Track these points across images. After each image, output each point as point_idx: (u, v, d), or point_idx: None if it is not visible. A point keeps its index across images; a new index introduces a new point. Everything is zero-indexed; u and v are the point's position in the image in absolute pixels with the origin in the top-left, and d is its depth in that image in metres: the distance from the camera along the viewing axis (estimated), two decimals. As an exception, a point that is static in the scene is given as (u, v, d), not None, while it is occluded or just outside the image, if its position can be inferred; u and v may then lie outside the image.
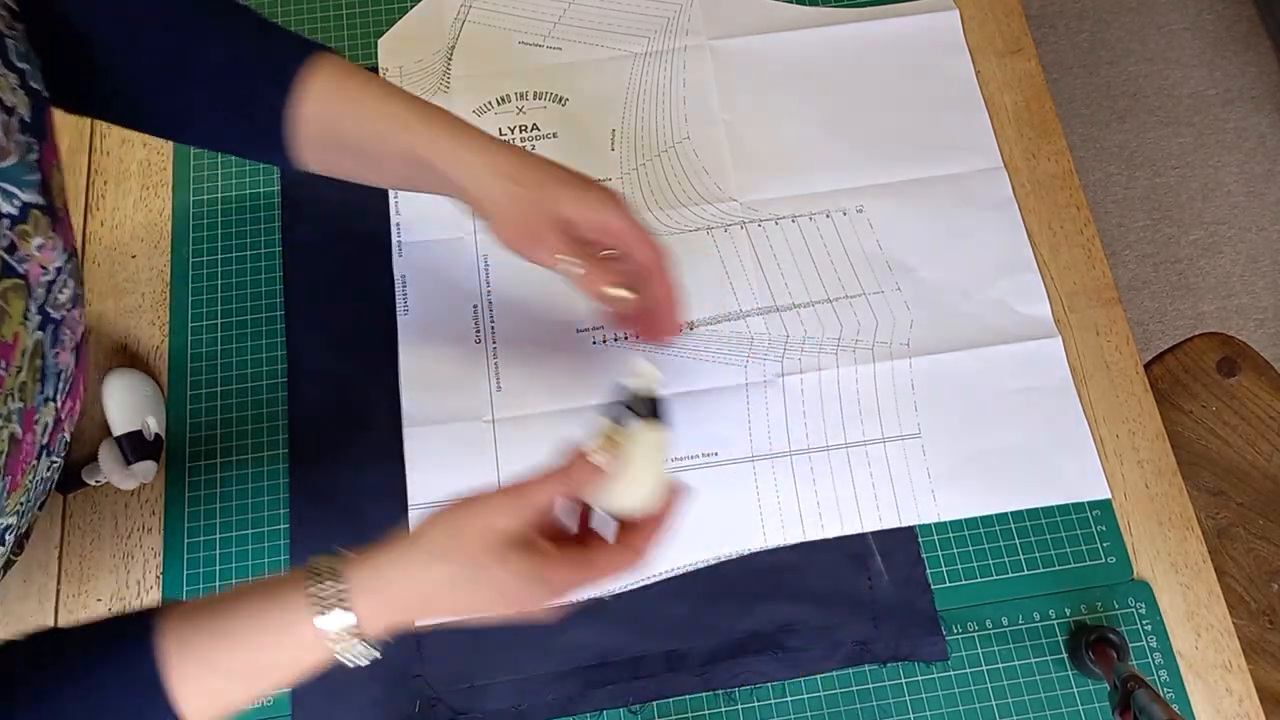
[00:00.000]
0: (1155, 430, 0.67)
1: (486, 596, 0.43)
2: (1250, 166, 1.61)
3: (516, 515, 0.43)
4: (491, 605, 0.44)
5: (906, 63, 0.77)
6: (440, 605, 0.43)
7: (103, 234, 0.71)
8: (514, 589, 0.43)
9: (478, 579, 0.43)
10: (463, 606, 0.44)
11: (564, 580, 0.44)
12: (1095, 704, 0.60)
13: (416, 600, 0.43)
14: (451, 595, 0.43)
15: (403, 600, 0.43)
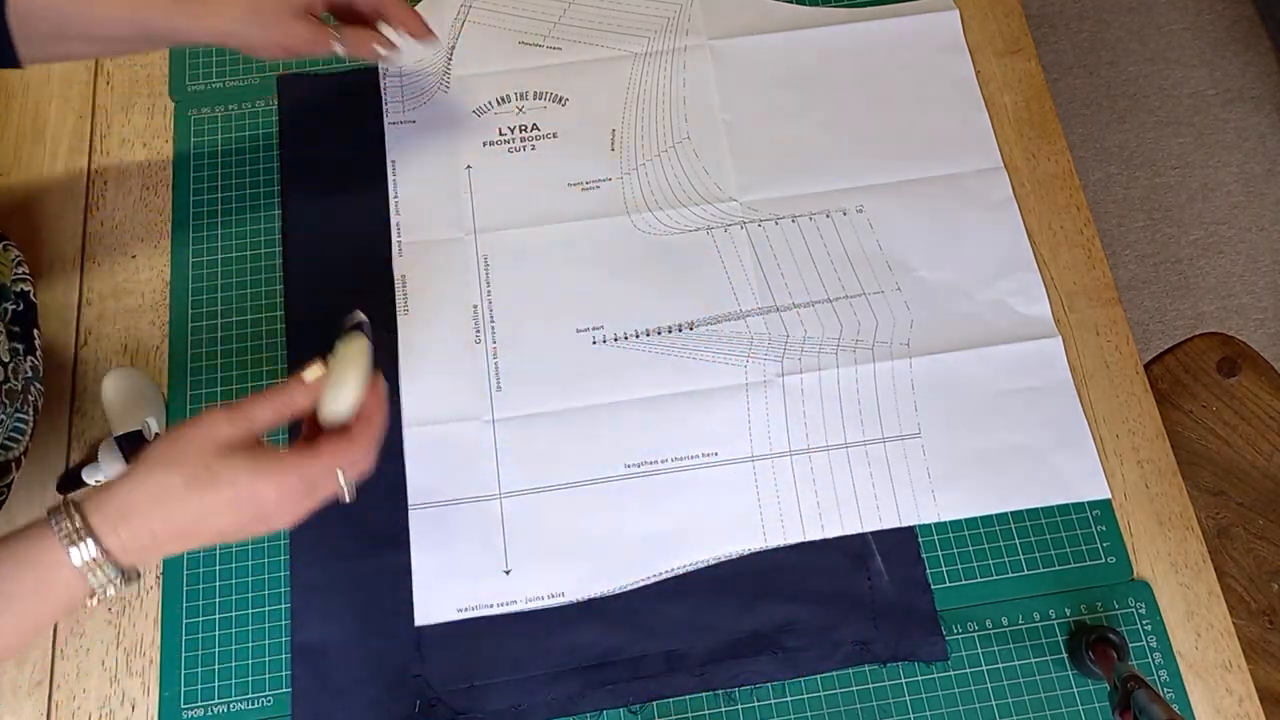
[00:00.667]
0: (1155, 430, 0.67)
1: (225, 500, 0.45)
2: (1250, 166, 1.61)
3: (237, 425, 0.46)
4: (232, 511, 0.46)
5: (906, 63, 0.77)
6: (182, 518, 0.45)
7: (103, 234, 0.71)
8: (245, 488, 0.45)
9: (210, 482, 0.45)
10: (206, 518, 0.45)
11: (295, 474, 0.47)
12: (1095, 704, 0.60)
13: (159, 517, 0.45)
14: (189, 505, 0.45)
15: (145, 519, 0.44)
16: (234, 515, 0.46)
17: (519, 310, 0.69)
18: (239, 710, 0.59)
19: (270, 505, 0.46)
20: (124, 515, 0.44)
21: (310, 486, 0.48)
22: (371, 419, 0.51)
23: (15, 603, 0.43)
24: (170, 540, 0.45)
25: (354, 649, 0.61)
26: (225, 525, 0.46)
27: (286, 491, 0.47)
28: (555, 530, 0.63)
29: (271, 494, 0.46)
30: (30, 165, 0.73)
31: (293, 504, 0.47)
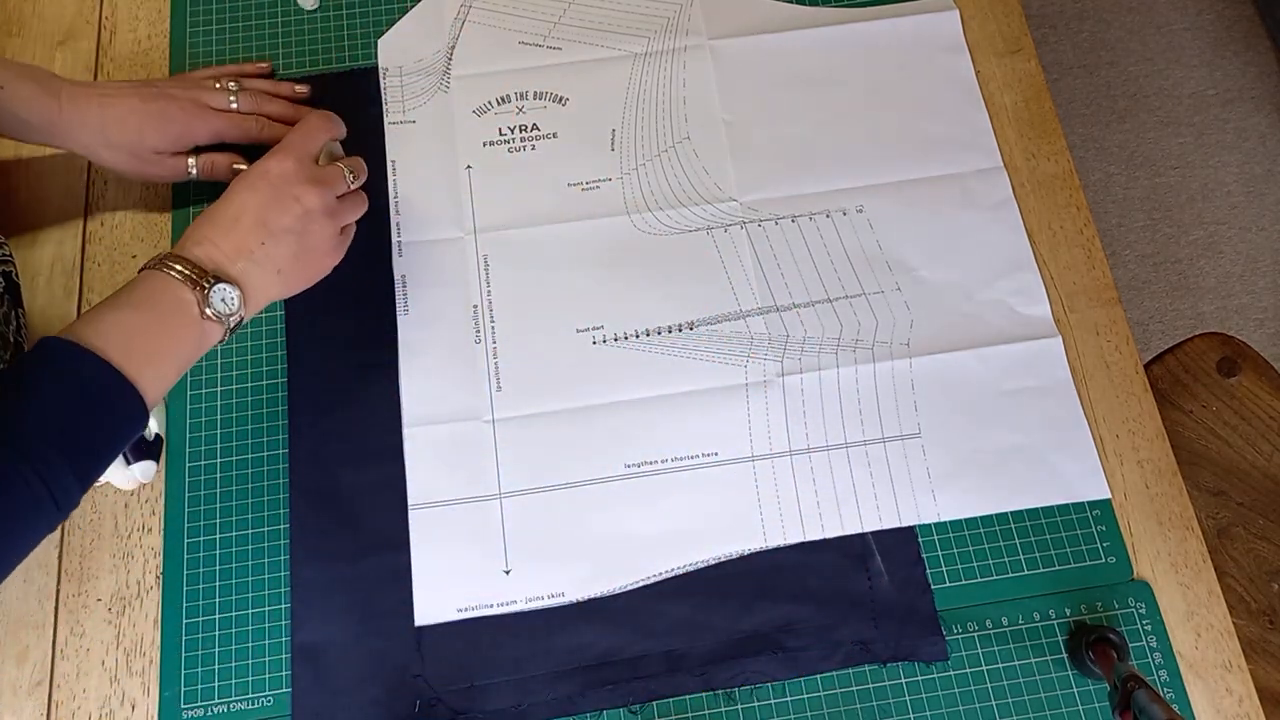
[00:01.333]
0: (1155, 430, 0.67)
1: (239, 187, 0.57)
2: (1250, 166, 1.61)
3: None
4: (248, 191, 0.57)
5: (906, 63, 0.77)
6: (217, 212, 0.56)
7: (103, 234, 0.71)
8: (248, 172, 0.58)
9: (229, 190, 0.57)
10: (230, 203, 0.56)
11: (281, 147, 0.59)
12: (1095, 704, 0.60)
13: (205, 220, 0.56)
14: (218, 204, 0.56)
15: (198, 229, 0.55)
16: (251, 194, 0.56)
17: (519, 310, 0.69)
18: (239, 710, 0.59)
19: (273, 173, 0.57)
20: (186, 239, 0.55)
21: (296, 148, 0.58)
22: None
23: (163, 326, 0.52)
24: (223, 235, 0.55)
25: (354, 649, 0.61)
26: (247, 204, 0.56)
27: (277, 158, 0.58)
28: (555, 530, 0.63)
29: (269, 163, 0.57)
30: (30, 165, 0.73)
31: (294, 168, 0.57)
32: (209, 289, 0.53)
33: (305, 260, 0.59)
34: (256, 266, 0.56)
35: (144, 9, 0.79)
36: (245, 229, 0.55)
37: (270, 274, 0.57)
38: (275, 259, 0.57)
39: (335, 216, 0.60)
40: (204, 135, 0.68)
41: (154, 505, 0.64)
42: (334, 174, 0.60)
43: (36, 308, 0.69)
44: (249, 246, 0.55)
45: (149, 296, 0.52)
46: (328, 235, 0.59)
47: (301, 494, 0.64)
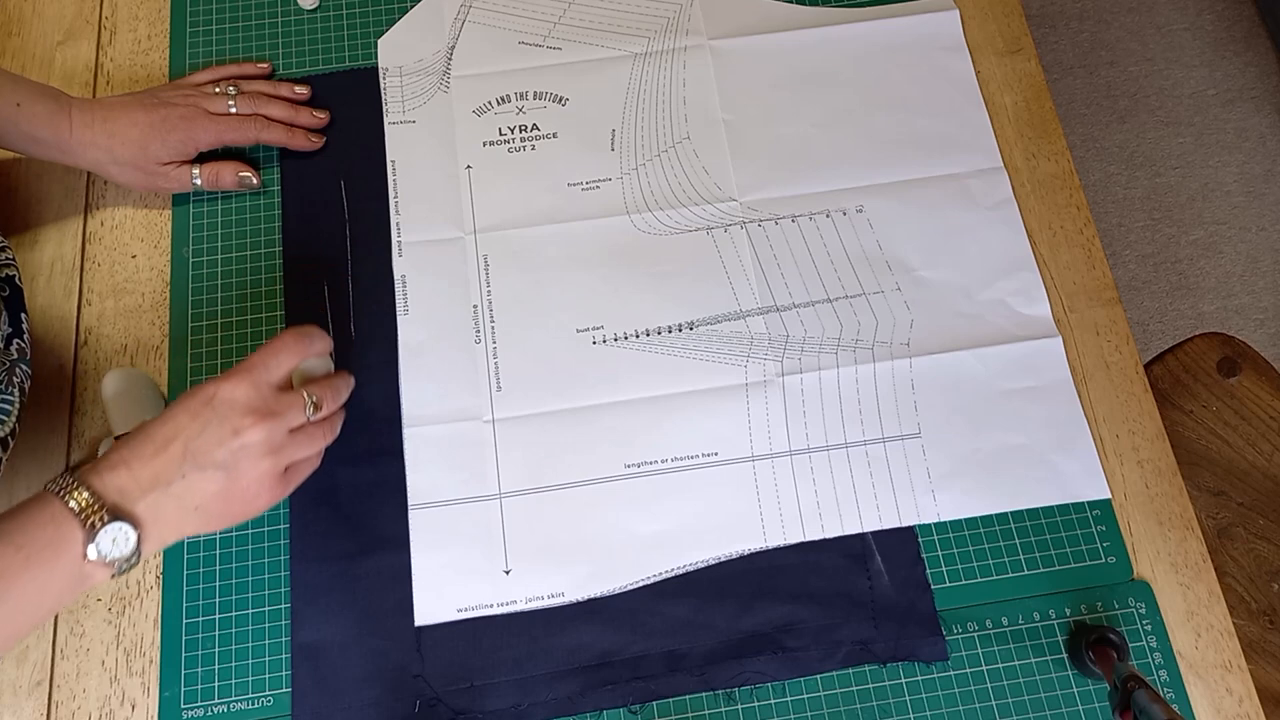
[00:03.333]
0: (1155, 430, 0.67)
1: (176, 407, 0.50)
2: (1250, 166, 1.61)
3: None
4: (183, 413, 0.50)
5: (906, 63, 0.77)
6: (144, 437, 0.49)
7: (103, 234, 0.71)
8: (192, 391, 0.51)
9: (167, 410, 0.51)
10: (163, 426, 0.50)
11: (236, 368, 0.52)
12: (1095, 704, 0.60)
13: (129, 445, 0.49)
14: (149, 425, 0.50)
15: (118, 453, 0.49)
16: (188, 419, 0.50)
17: (519, 310, 0.69)
18: (239, 710, 0.59)
19: (218, 398, 0.50)
20: (105, 459, 0.49)
21: (253, 371, 0.52)
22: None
23: (27, 567, 0.45)
24: (144, 461, 0.48)
25: (354, 649, 0.61)
26: (181, 428, 0.49)
27: (229, 382, 0.51)
28: (555, 530, 0.63)
29: (219, 386, 0.51)
30: (30, 165, 0.73)
31: (243, 395, 0.51)
32: (99, 528, 0.46)
33: (230, 500, 0.51)
34: (171, 500, 0.49)
35: (144, 9, 0.79)
36: (169, 458, 0.49)
37: (186, 510, 0.49)
38: (195, 494, 0.49)
39: (279, 454, 0.52)
40: (206, 140, 0.69)
41: (154, 505, 0.64)
42: (291, 404, 0.53)
43: (37, 308, 0.69)
44: (168, 477, 0.48)
45: (27, 526, 0.45)
46: (262, 475, 0.51)
47: (301, 494, 0.64)
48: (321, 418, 0.55)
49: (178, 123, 0.67)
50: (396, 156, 0.74)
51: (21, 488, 0.64)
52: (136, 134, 0.66)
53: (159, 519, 0.48)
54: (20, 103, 0.63)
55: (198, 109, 0.69)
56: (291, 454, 0.53)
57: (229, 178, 0.70)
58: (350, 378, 0.59)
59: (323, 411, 0.55)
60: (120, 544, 0.46)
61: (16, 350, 0.62)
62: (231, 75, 0.73)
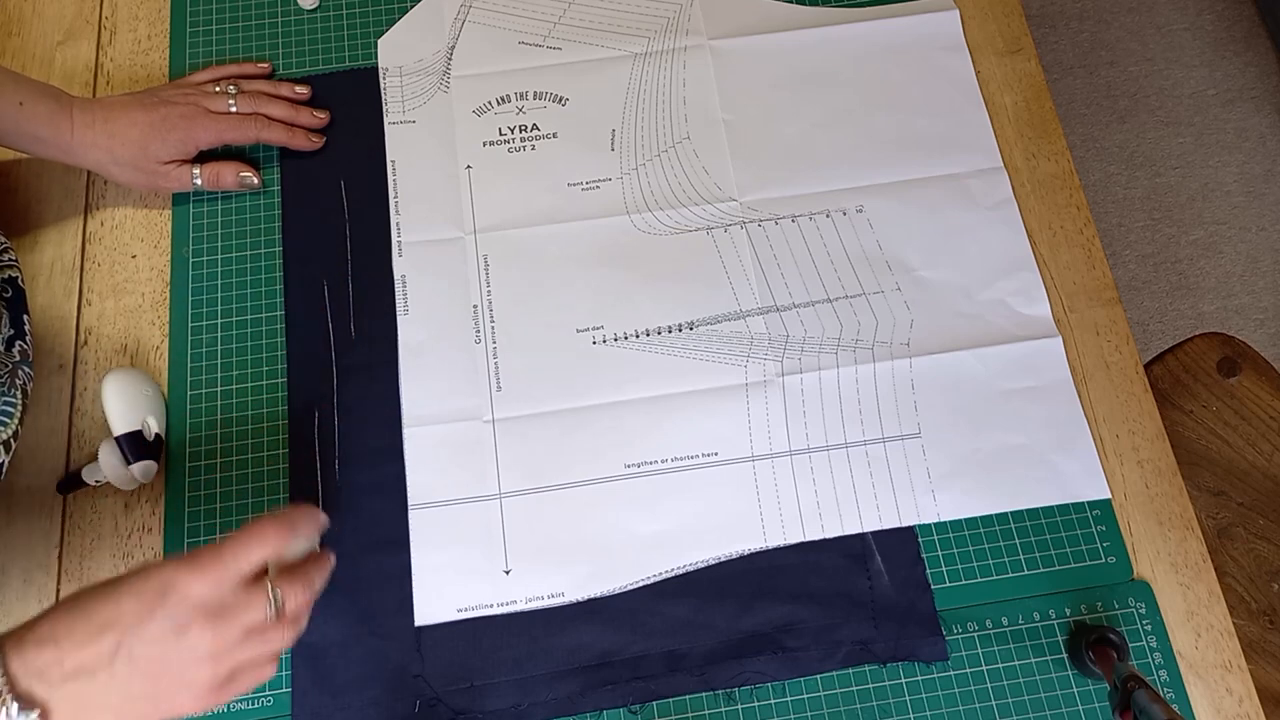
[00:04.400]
0: (1155, 430, 0.67)
1: (120, 584, 0.45)
2: (1250, 166, 1.61)
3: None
4: (127, 593, 0.44)
5: (906, 63, 0.77)
6: (76, 610, 0.44)
7: (103, 234, 0.71)
8: (141, 569, 0.45)
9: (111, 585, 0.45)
10: (100, 602, 0.44)
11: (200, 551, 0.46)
12: (1095, 704, 0.60)
13: (60, 615, 0.44)
14: (85, 594, 0.44)
15: (47, 623, 0.43)
16: (133, 604, 0.44)
17: (519, 310, 0.69)
18: (239, 710, 0.59)
19: (171, 589, 0.44)
20: (34, 628, 0.43)
21: (221, 564, 0.45)
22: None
23: None
24: (76, 643, 0.43)
25: (354, 649, 0.61)
26: (123, 615, 0.43)
27: (189, 574, 0.44)
28: (555, 530, 0.63)
29: (177, 575, 0.44)
30: (30, 165, 0.73)
31: (199, 593, 0.45)
32: (2, 709, 0.41)
33: (156, 703, 0.44)
34: (94, 692, 0.43)
35: (144, 9, 0.79)
36: (101, 648, 0.43)
37: (104, 705, 0.43)
38: (117, 692, 0.43)
39: (220, 660, 0.45)
40: (206, 139, 0.69)
41: (154, 505, 0.64)
42: (251, 602, 0.46)
43: (37, 308, 0.69)
44: (93, 667, 0.43)
45: None
46: (196, 682, 0.45)
47: (301, 494, 0.64)
48: (284, 617, 0.47)
49: (178, 121, 0.67)
50: (396, 156, 0.74)
51: (22, 489, 0.64)
52: (136, 134, 0.66)
53: (75, 710, 0.42)
54: (23, 101, 0.63)
55: (198, 108, 0.69)
56: (237, 658, 0.46)
57: (230, 178, 0.70)
58: (329, 563, 0.52)
59: (288, 608, 0.47)
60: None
61: (19, 352, 0.62)
62: (232, 75, 0.73)
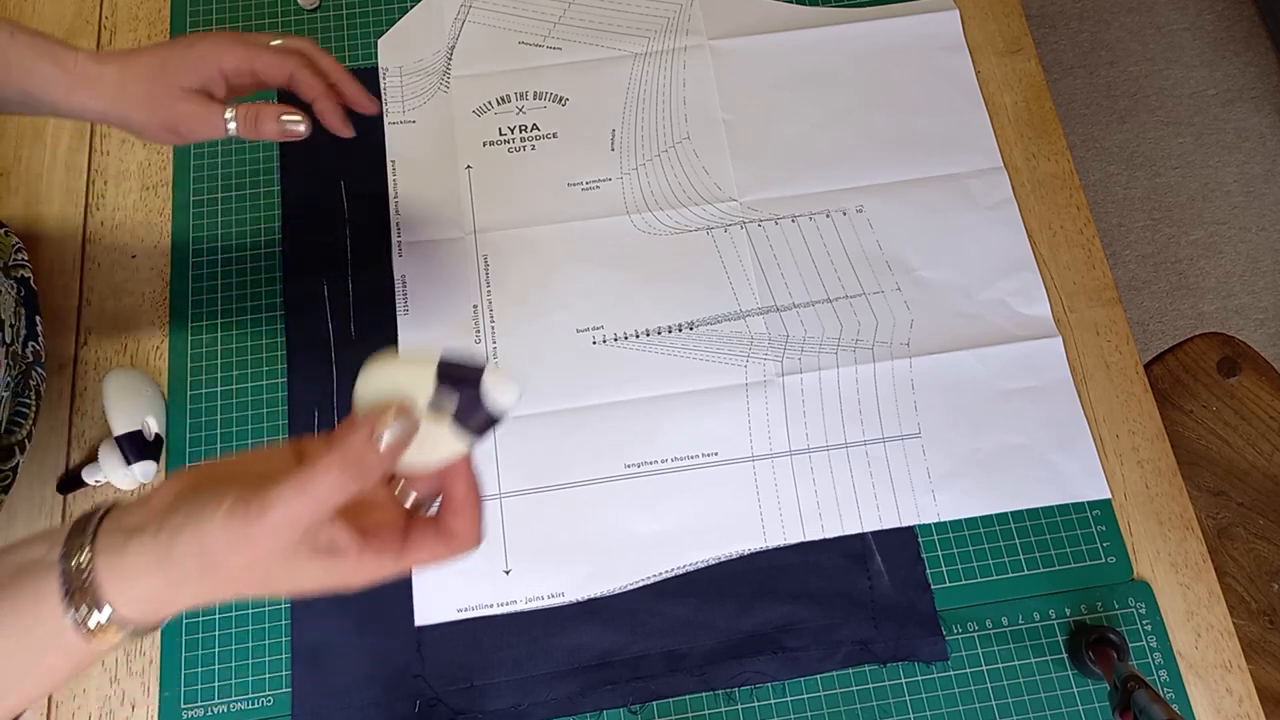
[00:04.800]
0: (1155, 430, 0.67)
1: (276, 591, 0.38)
2: (1250, 166, 1.61)
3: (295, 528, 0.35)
4: (285, 593, 0.38)
5: (906, 63, 0.77)
6: (224, 596, 0.37)
7: (103, 234, 0.71)
8: (308, 589, 0.37)
9: (264, 585, 0.37)
10: (250, 593, 0.37)
11: (372, 575, 0.38)
12: (1095, 704, 0.60)
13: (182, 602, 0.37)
14: (237, 593, 0.37)
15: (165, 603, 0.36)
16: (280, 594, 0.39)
17: (519, 310, 0.69)
18: (239, 710, 0.59)
19: (332, 590, 0.38)
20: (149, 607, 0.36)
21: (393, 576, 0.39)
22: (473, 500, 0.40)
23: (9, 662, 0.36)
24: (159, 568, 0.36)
25: (354, 649, 0.61)
26: (243, 589, 0.37)
27: (357, 586, 0.38)
28: (555, 530, 0.63)
29: (336, 589, 0.38)
30: (30, 165, 0.73)
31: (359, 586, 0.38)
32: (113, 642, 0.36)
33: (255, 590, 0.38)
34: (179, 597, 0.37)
35: (144, 9, 0.79)
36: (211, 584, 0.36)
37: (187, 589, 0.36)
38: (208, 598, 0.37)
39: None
40: (232, 61, 0.53)
41: (154, 505, 0.64)
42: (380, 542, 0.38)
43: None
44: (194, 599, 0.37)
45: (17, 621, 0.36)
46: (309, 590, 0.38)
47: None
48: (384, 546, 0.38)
49: (202, 37, 0.54)
50: (396, 156, 0.74)
51: (23, 490, 0.64)
52: (151, 58, 0.52)
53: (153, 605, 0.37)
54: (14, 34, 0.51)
55: (231, 33, 0.55)
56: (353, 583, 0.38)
57: (270, 124, 0.53)
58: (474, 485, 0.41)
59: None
60: (95, 619, 0.36)
61: (32, 353, 0.62)
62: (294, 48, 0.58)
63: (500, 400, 0.37)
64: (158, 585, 0.35)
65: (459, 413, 0.38)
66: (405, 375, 0.38)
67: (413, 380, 0.38)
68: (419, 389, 0.38)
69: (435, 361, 0.38)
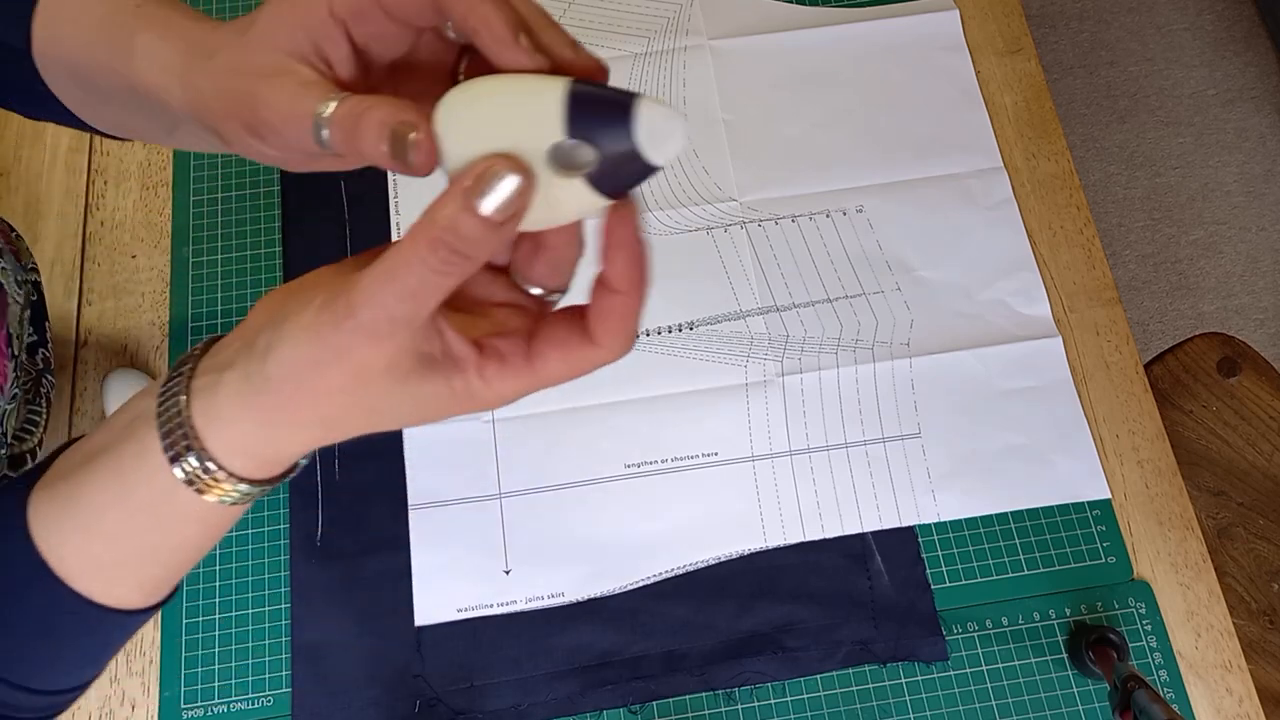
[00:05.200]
0: (1155, 430, 0.67)
1: (390, 424, 0.31)
2: (1250, 166, 1.61)
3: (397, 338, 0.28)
4: (401, 425, 0.32)
5: (906, 63, 0.77)
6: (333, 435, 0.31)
7: (103, 234, 0.71)
8: (428, 417, 0.31)
9: (374, 415, 0.30)
10: (367, 429, 0.31)
11: (499, 394, 0.30)
12: (1095, 704, 0.60)
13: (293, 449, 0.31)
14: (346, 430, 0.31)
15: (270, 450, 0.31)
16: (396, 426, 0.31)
17: (519, 310, 0.69)
18: (239, 710, 0.59)
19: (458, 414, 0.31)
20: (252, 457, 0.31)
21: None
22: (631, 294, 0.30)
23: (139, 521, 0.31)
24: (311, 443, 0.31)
25: (354, 649, 0.61)
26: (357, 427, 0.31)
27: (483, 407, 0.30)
28: (555, 530, 0.63)
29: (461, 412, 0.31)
30: (30, 165, 0.73)
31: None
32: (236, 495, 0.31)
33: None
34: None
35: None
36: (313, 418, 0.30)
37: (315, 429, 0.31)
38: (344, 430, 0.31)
39: None
40: None
41: (154, 505, 0.64)
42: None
43: (36, 308, 0.69)
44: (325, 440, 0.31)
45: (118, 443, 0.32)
46: None
47: (300, 494, 0.64)
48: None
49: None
50: (396, 156, 0.73)
51: (21, 488, 0.64)
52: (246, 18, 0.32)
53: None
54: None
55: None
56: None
57: (371, 134, 0.28)
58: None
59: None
60: (196, 467, 0.30)
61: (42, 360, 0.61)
62: None
63: (660, 141, 0.27)
64: (252, 426, 0.30)
65: (599, 162, 0.27)
66: (514, 108, 0.27)
67: (526, 115, 0.27)
68: (536, 128, 0.27)
69: (562, 86, 0.27)
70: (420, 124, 0.27)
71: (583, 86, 0.27)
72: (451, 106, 0.28)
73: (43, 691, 0.34)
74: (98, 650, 0.35)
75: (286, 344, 0.28)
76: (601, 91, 0.27)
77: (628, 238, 0.30)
